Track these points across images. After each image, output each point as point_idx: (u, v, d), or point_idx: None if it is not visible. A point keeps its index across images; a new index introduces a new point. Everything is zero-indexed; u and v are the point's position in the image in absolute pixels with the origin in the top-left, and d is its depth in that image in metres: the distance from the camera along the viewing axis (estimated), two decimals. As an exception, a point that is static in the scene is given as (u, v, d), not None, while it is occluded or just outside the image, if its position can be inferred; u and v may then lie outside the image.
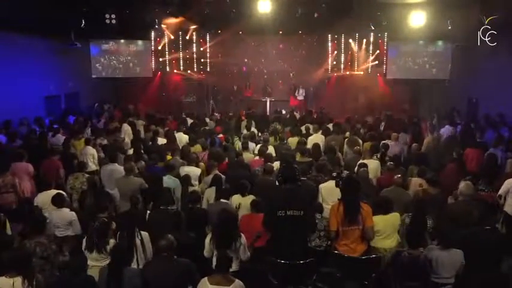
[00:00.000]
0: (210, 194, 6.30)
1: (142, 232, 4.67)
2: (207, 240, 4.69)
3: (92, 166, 8.24)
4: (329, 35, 16.59)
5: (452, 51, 14.93)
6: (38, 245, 4.49)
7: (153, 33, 15.96)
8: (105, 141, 9.44)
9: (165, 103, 16.83)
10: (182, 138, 9.71)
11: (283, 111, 14.48)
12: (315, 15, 12.35)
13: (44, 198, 5.92)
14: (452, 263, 4.39)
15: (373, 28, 12.65)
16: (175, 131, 10.10)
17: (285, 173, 4.52)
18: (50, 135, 9.62)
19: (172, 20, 13.48)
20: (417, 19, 11.18)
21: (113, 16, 11.29)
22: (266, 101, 16.36)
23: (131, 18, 12.16)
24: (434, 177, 6.49)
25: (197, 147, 8.68)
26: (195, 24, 14.77)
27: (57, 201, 5.52)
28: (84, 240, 4.60)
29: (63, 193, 5.99)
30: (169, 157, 7.98)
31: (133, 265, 4.40)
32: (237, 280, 3.86)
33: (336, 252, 4.45)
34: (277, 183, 4.71)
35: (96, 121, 12.16)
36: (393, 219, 5.19)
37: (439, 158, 8.77)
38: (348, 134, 10.13)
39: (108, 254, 4.47)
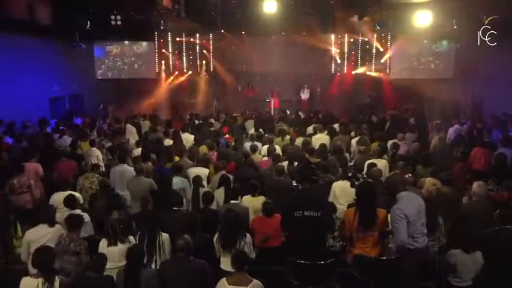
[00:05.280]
0: (219, 195, 6.27)
1: (163, 233, 4.67)
2: (214, 239, 4.72)
3: (97, 167, 8.23)
4: (332, 35, 16.60)
5: (457, 50, 14.94)
6: (72, 241, 4.55)
7: (156, 34, 15.98)
8: (109, 144, 9.45)
9: (169, 104, 16.85)
10: (188, 138, 9.72)
11: (288, 112, 14.48)
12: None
13: (59, 198, 5.88)
14: (474, 265, 4.39)
15: (378, 28, 12.64)
16: (180, 132, 10.11)
17: (303, 172, 4.49)
18: (56, 136, 9.63)
19: (176, 21, 13.49)
20: (423, 19, 11.16)
21: (119, 18, 11.28)
22: (271, 102, 16.35)
23: (136, 19, 12.17)
24: (447, 176, 6.49)
25: (203, 148, 8.69)
26: (199, 25, 14.78)
27: (69, 203, 5.52)
28: (104, 240, 4.59)
29: (75, 194, 5.99)
30: (176, 158, 7.98)
31: (151, 266, 4.40)
32: (255, 280, 3.85)
33: (358, 254, 4.41)
34: (294, 183, 4.69)
35: (102, 122, 12.20)
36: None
37: (445, 158, 8.76)
38: (353, 133, 10.12)
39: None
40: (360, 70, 16.75)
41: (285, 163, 7.39)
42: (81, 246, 4.55)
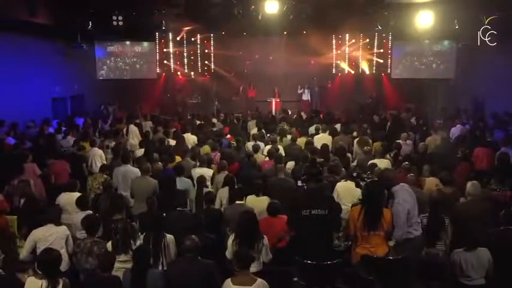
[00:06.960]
0: (223, 194, 6.27)
1: (168, 235, 4.66)
2: (230, 241, 4.65)
3: (100, 167, 8.22)
4: (333, 35, 16.60)
5: (458, 50, 14.95)
6: (94, 244, 4.56)
7: (157, 35, 15.99)
8: (112, 143, 9.45)
9: (170, 104, 16.87)
10: (190, 138, 9.71)
11: (290, 112, 14.48)
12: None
13: (66, 199, 5.89)
14: (480, 263, 4.37)
15: (380, 28, 12.64)
16: (181, 132, 10.11)
17: (310, 171, 4.49)
18: (60, 136, 9.64)
19: (178, 22, 13.52)
20: (424, 19, 11.17)
21: (120, 18, 11.30)
22: (272, 102, 16.35)
23: (138, 20, 12.19)
24: (447, 176, 6.46)
25: (205, 148, 8.68)
26: (200, 25, 14.80)
27: (81, 204, 5.51)
28: (110, 243, 4.57)
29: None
30: (178, 158, 7.97)
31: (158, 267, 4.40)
32: (259, 279, 3.84)
33: (363, 254, 4.40)
34: (299, 183, 4.70)
35: (103, 123, 12.20)
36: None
37: (448, 157, 8.75)
38: (355, 133, 10.12)
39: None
40: (361, 70, 16.75)
41: (291, 163, 7.38)
42: (104, 249, 4.55)
